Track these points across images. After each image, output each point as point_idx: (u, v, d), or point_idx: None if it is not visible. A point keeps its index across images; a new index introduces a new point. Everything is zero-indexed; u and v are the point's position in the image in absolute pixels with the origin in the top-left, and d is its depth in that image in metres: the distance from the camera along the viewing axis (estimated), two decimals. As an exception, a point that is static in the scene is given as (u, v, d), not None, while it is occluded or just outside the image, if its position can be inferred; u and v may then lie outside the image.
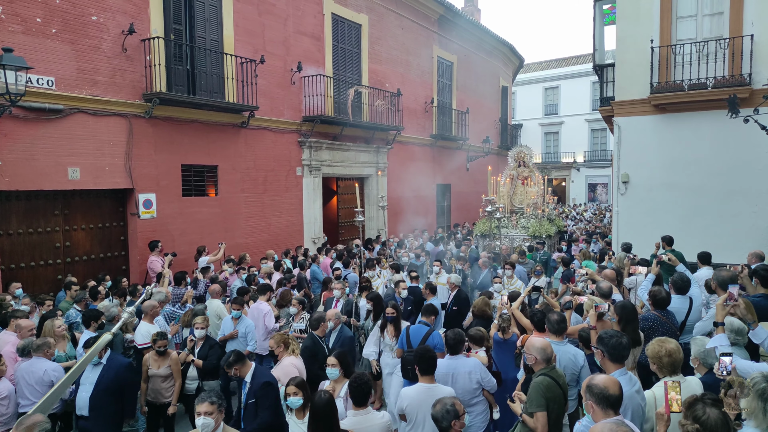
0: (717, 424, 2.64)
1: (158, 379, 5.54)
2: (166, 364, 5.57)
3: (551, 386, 3.69)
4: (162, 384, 5.55)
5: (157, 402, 5.57)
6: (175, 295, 7.67)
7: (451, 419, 3.29)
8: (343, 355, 4.54)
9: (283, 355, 5.23)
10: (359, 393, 3.79)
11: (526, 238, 12.80)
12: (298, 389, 4.09)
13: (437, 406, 3.38)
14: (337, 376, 4.45)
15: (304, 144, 13.23)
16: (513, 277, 8.36)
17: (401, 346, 5.63)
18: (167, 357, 5.61)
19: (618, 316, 4.72)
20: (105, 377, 4.93)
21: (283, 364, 5.10)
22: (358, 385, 3.80)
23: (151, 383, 5.55)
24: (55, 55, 8.35)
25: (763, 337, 3.97)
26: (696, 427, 2.65)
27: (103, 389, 4.89)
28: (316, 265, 10.35)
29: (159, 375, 5.53)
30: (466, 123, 20.55)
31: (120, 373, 5.03)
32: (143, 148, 9.66)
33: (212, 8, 10.79)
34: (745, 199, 10.21)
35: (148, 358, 5.59)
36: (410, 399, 4.03)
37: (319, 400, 3.59)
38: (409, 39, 17.26)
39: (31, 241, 8.61)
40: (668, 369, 3.61)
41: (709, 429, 2.63)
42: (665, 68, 10.63)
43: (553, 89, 35.59)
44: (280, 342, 5.28)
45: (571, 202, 34.04)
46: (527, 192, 14.55)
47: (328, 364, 4.49)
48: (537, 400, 3.62)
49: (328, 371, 4.48)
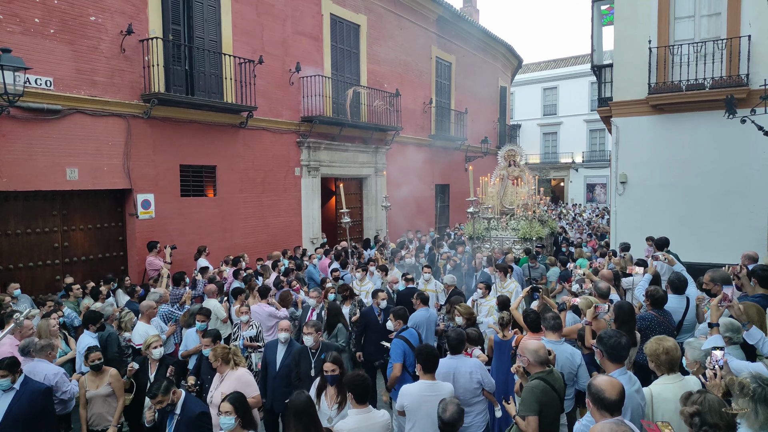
0: (713, 404, 2.72)
1: (99, 401, 4.85)
2: (105, 381, 4.88)
3: (546, 391, 3.70)
4: (104, 406, 4.86)
5: (102, 428, 4.87)
6: (173, 294, 7.67)
7: (462, 419, 3.35)
8: (241, 400, 3.69)
9: (224, 370, 4.66)
10: (360, 390, 3.75)
11: (516, 240, 12.52)
12: (231, 407, 3.57)
13: (450, 407, 3.35)
14: (232, 427, 3.55)
15: (303, 144, 13.24)
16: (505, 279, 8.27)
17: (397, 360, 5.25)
18: (105, 373, 4.93)
19: (615, 315, 4.74)
20: (17, 405, 4.15)
21: (237, 375, 4.60)
22: (358, 383, 3.77)
23: (91, 407, 4.85)
24: (54, 56, 8.35)
25: (758, 337, 3.98)
26: (696, 408, 2.73)
27: (14, 420, 4.10)
28: (312, 266, 10.35)
29: (99, 395, 4.82)
30: (465, 123, 20.57)
31: (35, 401, 4.22)
32: (142, 148, 9.66)
33: (210, 9, 10.80)
34: (742, 200, 10.24)
35: (84, 381, 4.91)
36: (412, 396, 4.03)
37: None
38: (408, 39, 17.28)
39: (30, 241, 8.60)
40: (666, 367, 3.63)
41: (708, 407, 2.71)
42: (663, 69, 10.66)
43: (552, 90, 35.64)
44: (219, 357, 4.65)
45: (569, 202, 34.07)
46: (518, 192, 14.02)
47: (221, 411, 3.59)
48: (530, 405, 3.64)
49: (221, 420, 3.58)
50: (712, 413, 2.69)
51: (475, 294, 7.39)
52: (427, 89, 18.62)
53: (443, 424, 3.34)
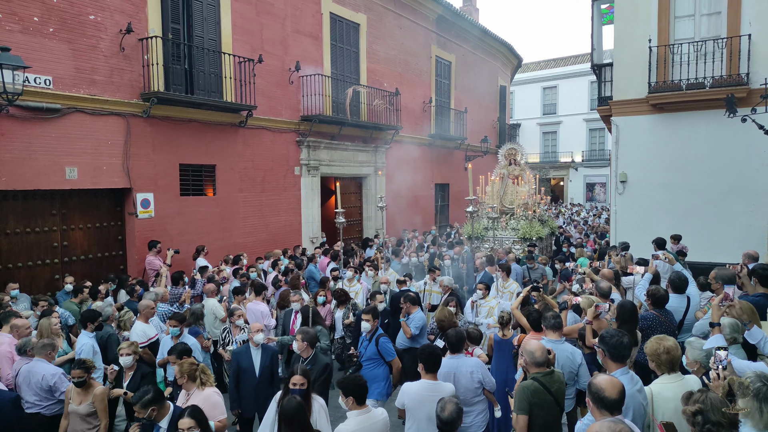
0: (716, 402, 2.72)
1: (77, 418, 4.59)
2: (88, 399, 4.59)
3: (538, 391, 3.72)
4: (82, 424, 4.59)
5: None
6: (172, 294, 7.66)
7: (461, 418, 3.36)
8: (200, 411, 3.56)
9: (191, 388, 4.34)
10: (361, 391, 3.75)
11: (515, 240, 12.34)
12: (193, 421, 3.40)
13: (449, 407, 3.35)
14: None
15: (303, 143, 13.22)
16: (507, 279, 8.26)
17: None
18: (90, 391, 4.62)
19: (616, 314, 4.74)
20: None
21: (204, 396, 4.28)
22: (358, 385, 3.76)
23: (71, 422, 4.62)
24: (53, 55, 8.32)
25: (758, 337, 3.97)
26: (698, 406, 2.73)
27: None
28: (313, 265, 10.34)
29: (78, 413, 4.57)
30: (465, 122, 20.55)
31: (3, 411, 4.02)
32: (141, 147, 9.64)
33: (210, 7, 10.77)
34: (742, 199, 10.23)
35: (71, 390, 4.70)
36: (412, 395, 4.03)
37: (288, 405, 3.49)
38: (408, 38, 17.26)
39: (29, 240, 8.58)
40: (666, 366, 3.62)
41: (710, 406, 2.71)
42: (663, 68, 10.65)
43: (552, 89, 35.64)
44: (185, 374, 4.31)
45: (569, 201, 34.08)
46: (518, 192, 13.69)
47: (182, 427, 3.39)
48: (519, 403, 3.71)
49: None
50: (715, 411, 2.69)
51: (474, 295, 7.33)
52: (427, 88, 18.60)
53: (442, 423, 3.35)
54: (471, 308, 7.17)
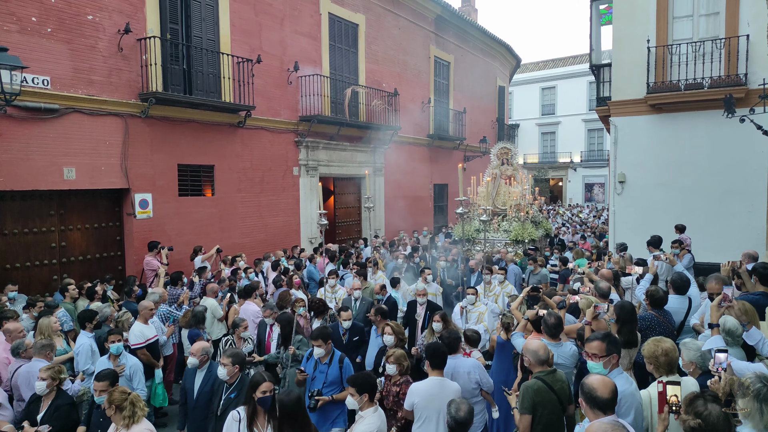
0: (718, 420, 2.66)
1: None
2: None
3: (541, 390, 3.71)
4: None
5: None
6: (171, 295, 7.64)
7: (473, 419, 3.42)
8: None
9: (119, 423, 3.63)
10: (375, 387, 3.79)
11: (507, 243, 12.08)
12: None
13: (463, 407, 3.40)
14: None
15: (301, 144, 13.21)
16: (504, 281, 8.19)
17: None
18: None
19: (616, 315, 4.73)
20: None
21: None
22: (371, 381, 3.79)
23: None
24: (51, 55, 8.30)
25: (757, 338, 3.96)
26: (698, 422, 2.67)
27: None
28: (312, 265, 10.33)
29: None
30: (463, 123, 20.56)
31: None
32: (139, 147, 9.62)
33: (208, 7, 10.76)
34: (741, 199, 10.24)
35: None
36: (422, 393, 4.03)
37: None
38: (406, 39, 17.25)
39: (27, 241, 8.56)
40: (665, 368, 3.61)
41: (711, 424, 2.65)
42: (662, 68, 10.66)
43: (550, 89, 35.66)
44: (114, 404, 3.64)
45: (567, 202, 34.09)
46: (510, 192, 13.31)
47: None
48: (523, 403, 3.70)
49: None
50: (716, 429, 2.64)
51: (464, 300, 7.07)
52: (426, 89, 18.60)
53: (456, 424, 3.38)
54: (460, 314, 7.02)
